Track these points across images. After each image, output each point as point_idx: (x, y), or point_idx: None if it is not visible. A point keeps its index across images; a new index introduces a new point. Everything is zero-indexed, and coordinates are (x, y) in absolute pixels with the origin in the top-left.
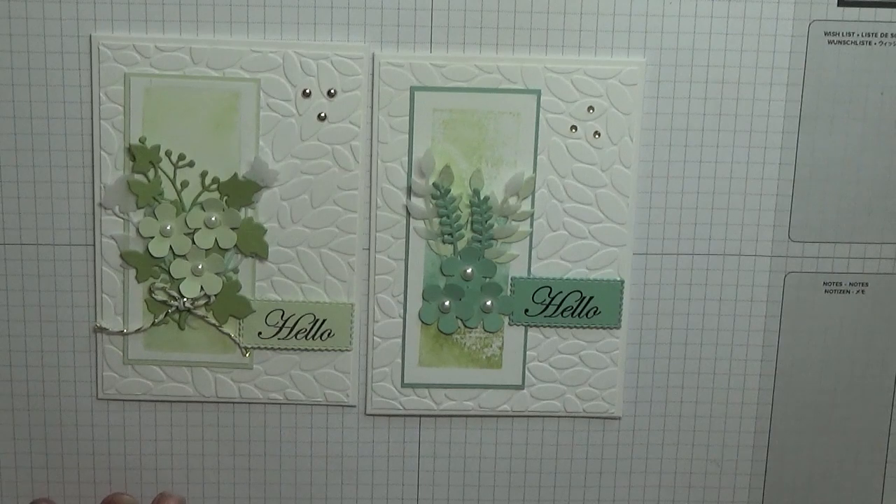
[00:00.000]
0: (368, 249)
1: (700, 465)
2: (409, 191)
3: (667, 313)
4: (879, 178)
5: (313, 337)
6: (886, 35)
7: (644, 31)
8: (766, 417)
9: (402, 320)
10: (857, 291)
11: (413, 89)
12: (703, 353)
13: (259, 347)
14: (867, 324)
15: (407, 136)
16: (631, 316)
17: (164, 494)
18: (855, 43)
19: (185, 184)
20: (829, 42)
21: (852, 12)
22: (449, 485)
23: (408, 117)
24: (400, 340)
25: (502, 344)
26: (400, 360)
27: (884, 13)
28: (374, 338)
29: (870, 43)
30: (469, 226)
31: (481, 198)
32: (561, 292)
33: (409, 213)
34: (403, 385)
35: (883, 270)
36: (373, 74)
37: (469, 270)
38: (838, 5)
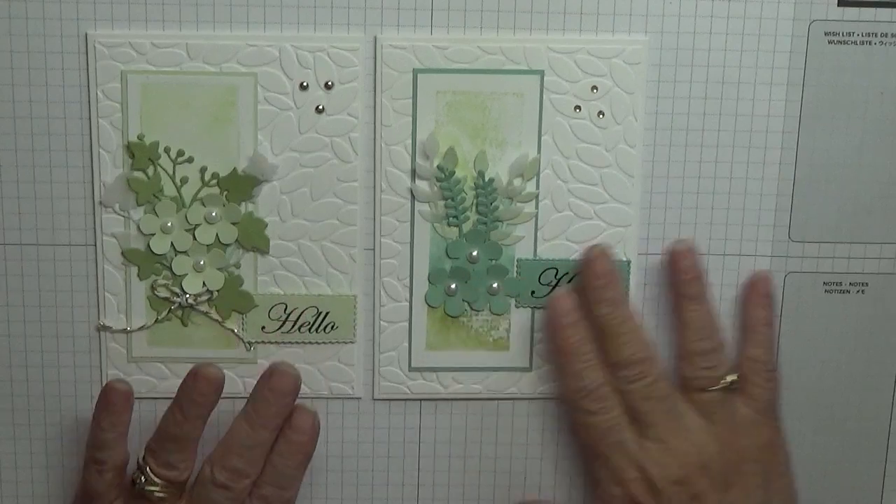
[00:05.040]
0: (373, 233)
1: None
2: (414, 174)
3: (667, 313)
4: (879, 178)
5: (317, 330)
6: (886, 35)
7: (644, 31)
8: None
9: (408, 304)
10: (857, 291)
11: (416, 71)
12: None
13: (263, 342)
14: (867, 324)
15: (410, 118)
16: (635, 302)
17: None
18: (855, 43)
19: (184, 180)
20: (829, 42)
21: (852, 12)
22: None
23: (411, 100)
24: (406, 324)
25: (509, 326)
26: (407, 344)
27: (884, 13)
28: (381, 322)
29: (870, 43)
30: (474, 208)
31: (486, 179)
32: (567, 273)
33: (413, 196)
34: (411, 369)
35: (883, 270)
36: (375, 57)
37: (475, 253)
38: (838, 5)
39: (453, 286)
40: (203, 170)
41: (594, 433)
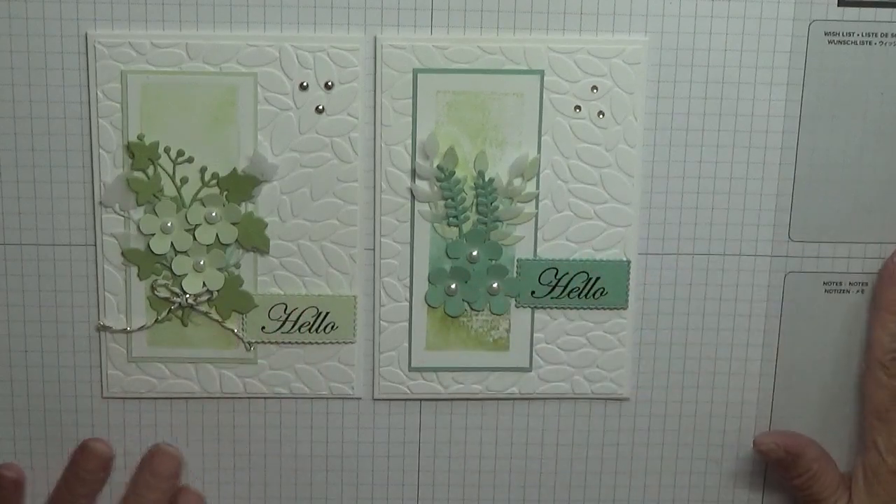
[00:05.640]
0: (373, 233)
1: (699, 465)
2: (414, 173)
3: (667, 313)
4: (879, 178)
5: (317, 330)
6: (886, 35)
7: (644, 31)
8: (766, 417)
9: (408, 304)
10: (857, 291)
11: (416, 71)
12: (703, 352)
13: (263, 342)
14: (867, 324)
15: (410, 118)
16: (635, 302)
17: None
18: (855, 43)
19: (184, 180)
20: (829, 42)
21: (852, 12)
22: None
23: (411, 100)
24: (406, 324)
25: (509, 326)
26: (407, 345)
27: (884, 13)
28: (381, 322)
29: (870, 43)
30: (474, 208)
31: (486, 179)
32: (567, 273)
33: (413, 196)
34: (411, 369)
35: None
36: (375, 57)
37: (475, 253)
38: (838, 5)
39: (453, 286)
40: (203, 170)
41: (887, 397)
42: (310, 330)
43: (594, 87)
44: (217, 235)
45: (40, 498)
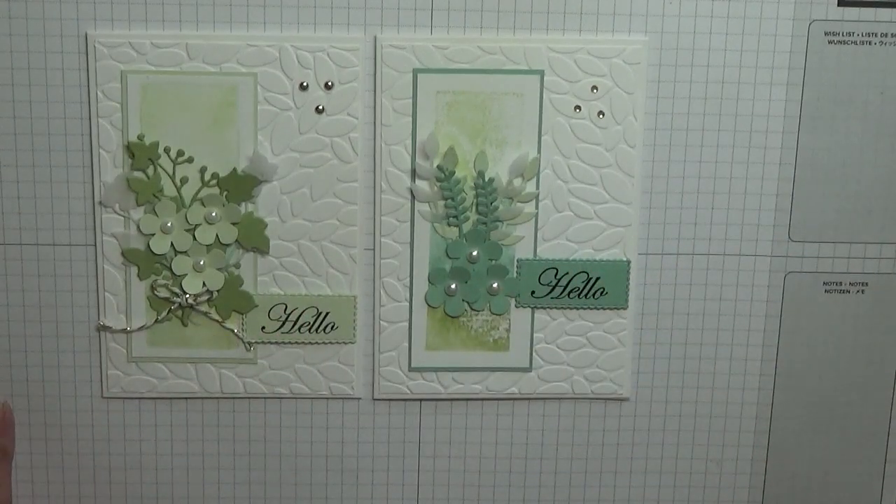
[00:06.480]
0: (373, 233)
1: (699, 465)
2: (414, 173)
3: (667, 313)
4: (879, 178)
5: (317, 330)
6: (886, 35)
7: (644, 31)
8: (766, 417)
9: (408, 304)
10: (857, 291)
11: (416, 71)
12: (703, 353)
13: (263, 342)
14: (867, 324)
15: (410, 118)
16: (635, 302)
17: None
18: (855, 43)
19: (184, 180)
20: (829, 42)
21: (852, 12)
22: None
23: (411, 100)
24: (406, 324)
25: (509, 326)
26: (407, 345)
27: (884, 13)
28: (381, 322)
29: (870, 43)
30: (474, 208)
31: (486, 179)
32: (567, 273)
33: (413, 196)
34: (411, 369)
35: (883, 270)
36: (375, 57)
37: (475, 253)
38: (838, 5)
39: (453, 286)
40: (203, 170)
41: None
42: (310, 330)
43: (594, 87)
44: (217, 235)
45: (40, 499)
